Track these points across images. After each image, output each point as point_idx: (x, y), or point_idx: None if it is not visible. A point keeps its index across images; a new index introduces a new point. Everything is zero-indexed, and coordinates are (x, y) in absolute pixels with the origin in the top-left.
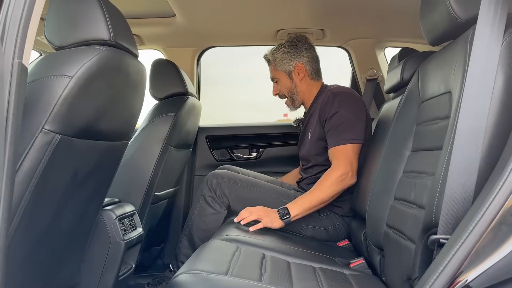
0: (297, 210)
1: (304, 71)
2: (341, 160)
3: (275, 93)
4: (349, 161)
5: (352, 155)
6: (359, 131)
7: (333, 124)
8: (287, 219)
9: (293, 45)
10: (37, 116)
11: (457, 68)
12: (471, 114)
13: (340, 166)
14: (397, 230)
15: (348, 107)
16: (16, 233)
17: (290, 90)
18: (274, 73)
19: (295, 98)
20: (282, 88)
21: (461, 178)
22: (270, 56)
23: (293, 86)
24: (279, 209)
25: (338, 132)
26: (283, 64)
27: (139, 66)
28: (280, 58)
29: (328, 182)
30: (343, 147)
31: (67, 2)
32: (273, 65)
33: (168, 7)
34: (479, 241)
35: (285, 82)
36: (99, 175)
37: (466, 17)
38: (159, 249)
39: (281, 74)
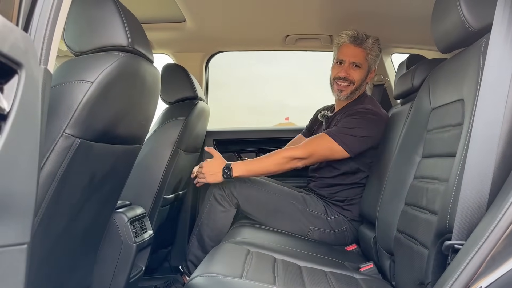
0: (241, 172)
1: (372, 78)
2: (309, 145)
3: (347, 74)
4: (313, 151)
5: (323, 150)
6: (356, 145)
7: (344, 124)
8: (229, 178)
9: (381, 50)
10: (58, 121)
11: (470, 76)
12: (485, 121)
13: (301, 148)
14: (409, 235)
15: (367, 124)
16: (35, 236)
17: (362, 81)
18: (363, 59)
19: (356, 92)
20: (358, 75)
21: (475, 185)
22: (370, 42)
23: (363, 82)
24: (223, 168)
25: (340, 130)
26: (374, 58)
27: (155, 71)
28: (376, 54)
29: (279, 156)
30: (329, 139)
31: (86, 9)
32: (366, 52)
33: (178, 12)
34: (495, 248)
35: (364, 73)
36: (114, 178)
37: (478, 26)
38: (166, 252)
39: (366, 64)
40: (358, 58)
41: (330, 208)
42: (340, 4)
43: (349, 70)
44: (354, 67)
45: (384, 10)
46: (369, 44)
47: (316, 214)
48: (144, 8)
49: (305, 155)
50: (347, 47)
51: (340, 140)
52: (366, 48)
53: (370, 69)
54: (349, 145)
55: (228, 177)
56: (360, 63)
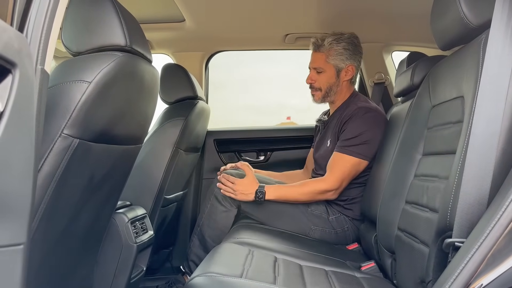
0: (273, 196)
1: (352, 74)
2: (336, 173)
3: (311, 81)
4: (342, 178)
5: (349, 170)
6: (369, 150)
7: (348, 133)
8: (261, 200)
9: (352, 44)
10: (56, 121)
11: (470, 73)
12: (485, 118)
13: (331, 181)
14: (410, 234)
15: (367, 121)
16: (34, 237)
17: (330, 86)
18: (322, 63)
19: (330, 95)
20: (322, 80)
21: (475, 182)
22: (326, 44)
23: (335, 84)
24: (257, 190)
25: (349, 142)
26: (337, 59)
27: (153, 71)
28: (338, 53)
29: (311, 189)
30: (347, 157)
31: (84, 9)
32: (325, 54)
33: (178, 12)
34: (495, 245)
35: (329, 76)
36: (114, 178)
37: (478, 23)
38: (167, 252)
39: (330, 67)
40: (317, 63)
41: (331, 208)
42: (340, 3)
43: (314, 76)
44: (317, 72)
45: (384, 7)
46: (326, 47)
47: (317, 214)
48: (143, 8)
49: (336, 186)
50: (312, 55)
51: (355, 153)
52: (324, 51)
53: (339, 68)
54: (364, 152)
55: (259, 199)
56: (320, 67)
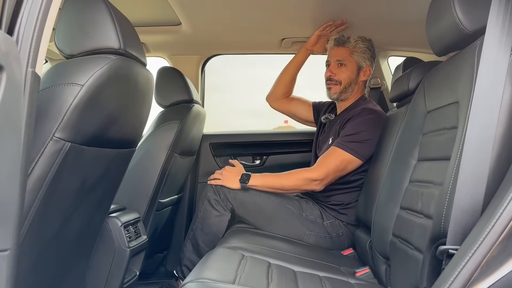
0: (257, 182)
1: (368, 76)
2: (324, 165)
3: (332, 74)
4: (328, 170)
5: (338, 164)
6: (364, 150)
7: (348, 130)
8: (243, 185)
9: (372, 47)
10: (48, 124)
11: (465, 79)
12: (480, 125)
13: (319, 171)
14: (404, 240)
15: (368, 121)
16: (24, 241)
17: (350, 81)
18: (347, 57)
19: (348, 91)
20: (344, 74)
21: (470, 189)
22: (352, 41)
23: (354, 81)
24: (243, 174)
25: (347, 138)
26: (360, 55)
27: (148, 74)
28: (361, 50)
29: (296, 176)
30: (340, 151)
31: (77, 11)
32: (351, 49)
33: (174, 15)
34: (489, 253)
35: (351, 71)
36: (107, 182)
37: (473, 29)
38: (162, 256)
39: (353, 62)
40: (341, 56)
41: (325, 213)
42: (336, 8)
43: (335, 69)
44: (339, 65)
45: (380, 13)
46: (351, 43)
47: (312, 219)
48: (139, 11)
49: (322, 176)
50: (332, 49)
51: (349, 149)
52: (349, 46)
53: (360, 66)
54: (359, 151)
55: (243, 182)
56: (344, 60)
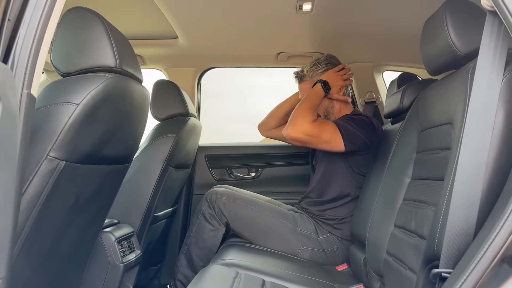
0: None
1: (342, 92)
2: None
3: None
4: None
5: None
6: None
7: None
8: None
9: (331, 63)
10: (42, 144)
11: (458, 100)
12: (473, 149)
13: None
14: (398, 259)
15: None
16: (17, 260)
17: (326, 109)
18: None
19: (330, 117)
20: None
21: (462, 212)
22: (307, 72)
23: (330, 105)
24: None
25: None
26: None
27: (143, 91)
28: (320, 72)
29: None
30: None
31: (74, 29)
32: (310, 82)
33: (170, 29)
34: (481, 279)
35: (323, 102)
36: (100, 198)
37: (466, 51)
38: (155, 269)
39: None
40: (305, 93)
41: (320, 228)
42: (331, 23)
43: None
44: None
45: (375, 29)
46: (307, 75)
47: (307, 234)
48: (136, 24)
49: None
50: (298, 88)
51: (342, 127)
52: (307, 79)
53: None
54: (348, 136)
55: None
56: None
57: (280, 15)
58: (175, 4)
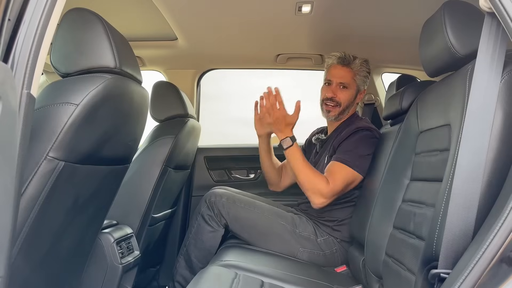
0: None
1: (361, 99)
2: (338, 182)
3: (333, 95)
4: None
5: (348, 182)
6: (365, 165)
7: (349, 145)
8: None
9: (370, 72)
10: (42, 144)
11: (457, 102)
12: (471, 150)
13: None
14: (397, 260)
15: (366, 139)
16: (16, 260)
17: (349, 103)
18: (350, 80)
19: (345, 112)
20: (346, 96)
21: (461, 213)
22: (358, 63)
23: (351, 103)
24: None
25: (349, 153)
26: (362, 79)
27: (143, 92)
28: (364, 75)
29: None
30: (345, 168)
31: (73, 30)
32: (354, 72)
33: (170, 31)
34: (480, 279)
35: (351, 94)
36: (99, 199)
37: (465, 52)
38: (154, 271)
39: (354, 85)
40: (345, 79)
41: (319, 229)
42: (330, 25)
43: (336, 91)
44: (342, 87)
45: (374, 31)
46: (356, 65)
47: (306, 236)
48: (136, 26)
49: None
50: (335, 68)
51: (354, 165)
52: (354, 69)
53: (359, 89)
54: (361, 166)
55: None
56: (347, 83)
57: (280, 17)
58: (174, 6)
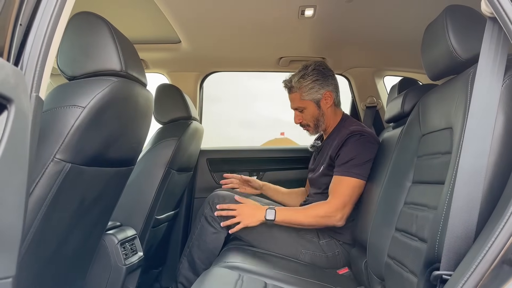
0: (282, 218)
1: (332, 99)
2: (340, 196)
3: (298, 121)
4: (344, 201)
5: (351, 193)
6: (365, 170)
7: (347, 155)
8: (270, 220)
9: (319, 73)
10: (49, 146)
11: (458, 105)
12: (473, 153)
13: (334, 204)
14: (399, 262)
15: (363, 144)
16: (23, 261)
17: (316, 118)
18: (300, 102)
19: (320, 125)
20: (307, 116)
21: (463, 215)
22: (295, 84)
23: (320, 114)
24: (267, 210)
25: (349, 164)
26: (311, 93)
27: (148, 95)
28: (309, 87)
29: (316, 213)
30: (349, 179)
31: (80, 34)
32: (299, 93)
33: (174, 34)
34: (482, 280)
35: (312, 110)
36: (105, 200)
37: (466, 57)
38: (157, 272)
39: (309, 103)
40: (296, 103)
41: (322, 232)
42: (333, 29)
43: (298, 116)
44: (300, 111)
45: (377, 35)
46: (296, 85)
47: (308, 238)
48: (140, 29)
49: (340, 208)
50: (288, 97)
51: (356, 174)
52: (297, 91)
53: (316, 100)
54: (363, 173)
55: (269, 220)
56: (300, 106)
57: (282, 20)
58: (178, 9)
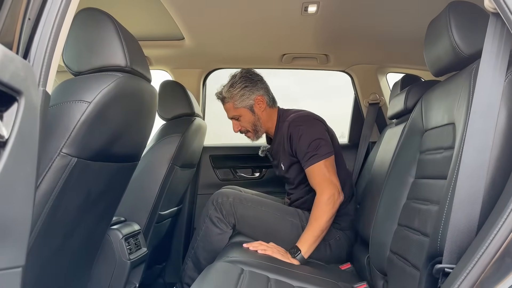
0: (306, 247)
1: (265, 102)
2: (322, 182)
3: (237, 129)
4: (329, 181)
5: (328, 172)
6: (326, 146)
7: (302, 148)
8: (300, 256)
9: (247, 79)
10: (55, 140)
11: (461, 100)
12: (475, 147)
13: (324, 189)
14: (401, 256)
15: (307, 129)
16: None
17: (253, 123)
18: (235, 111)
19: (259, 129)
20: (245, 123)
21: (465, 209)
22: (226, 94)
23: (256, 119)
24: (289, 250)
25: (308, 154)
26: (243, 100)
27: (152, 90)
28: (240, 95)
29: (320, 209)
30: (317, 165)
31: (86, 30)
32: (231, 103)
33: (177, 30)
34: (484, 273)
35: (247, 117)
36: (109, 195)
37: (469, 52)
38: (160, 268)
39: (243, 110)
40: (231, 113)
41: None
42: (336, 25)
43: (236, 124)
44: (236, 120)
45: (379, 31)
46: (228, 96)
47: None
48: (144, 26)
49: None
50: (223, 108)
51: (319, 157)
52: (229, 101)
53: (249, 106)
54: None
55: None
56: (235, 115)
57: (286, 17)
58: (182, 6)
